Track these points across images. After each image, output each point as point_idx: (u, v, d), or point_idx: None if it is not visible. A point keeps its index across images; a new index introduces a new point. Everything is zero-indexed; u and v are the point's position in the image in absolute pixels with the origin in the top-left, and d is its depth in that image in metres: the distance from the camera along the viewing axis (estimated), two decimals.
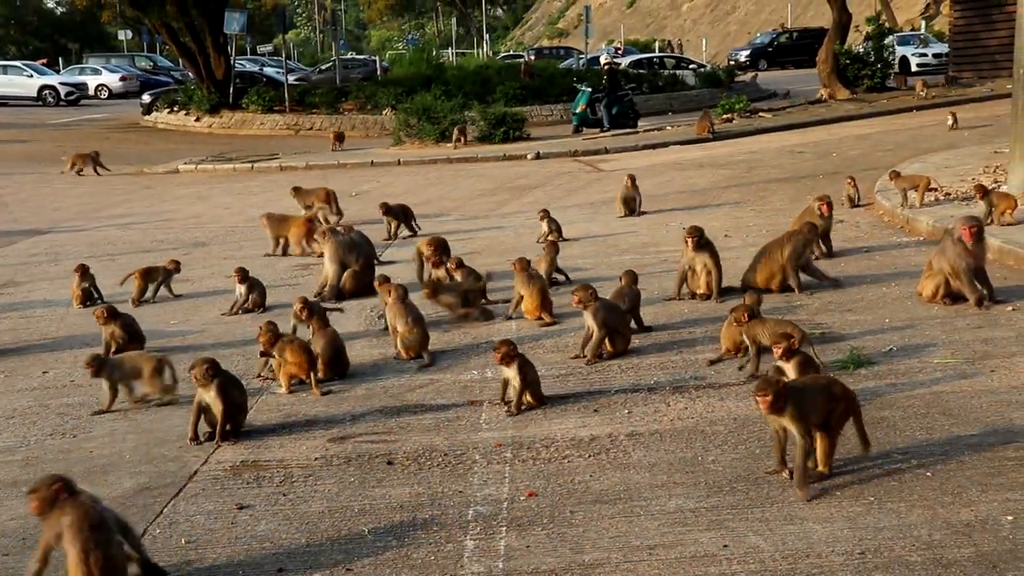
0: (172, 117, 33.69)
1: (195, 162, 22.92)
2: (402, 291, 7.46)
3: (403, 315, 7.24)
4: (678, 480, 4.88)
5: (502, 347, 5.94)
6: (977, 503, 4.43)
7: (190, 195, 18.25)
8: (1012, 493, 4.50)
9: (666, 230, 11.63)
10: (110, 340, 7.58)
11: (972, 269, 7.48)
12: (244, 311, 8.84)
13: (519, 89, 30.07)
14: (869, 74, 28.41)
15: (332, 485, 5.10)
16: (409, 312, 7.27)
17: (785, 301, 8.11)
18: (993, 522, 4.25)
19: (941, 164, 14.40)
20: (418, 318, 7.29)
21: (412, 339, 7.22)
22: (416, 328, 7.23)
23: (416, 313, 7.32)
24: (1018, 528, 4.19)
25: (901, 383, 6.05)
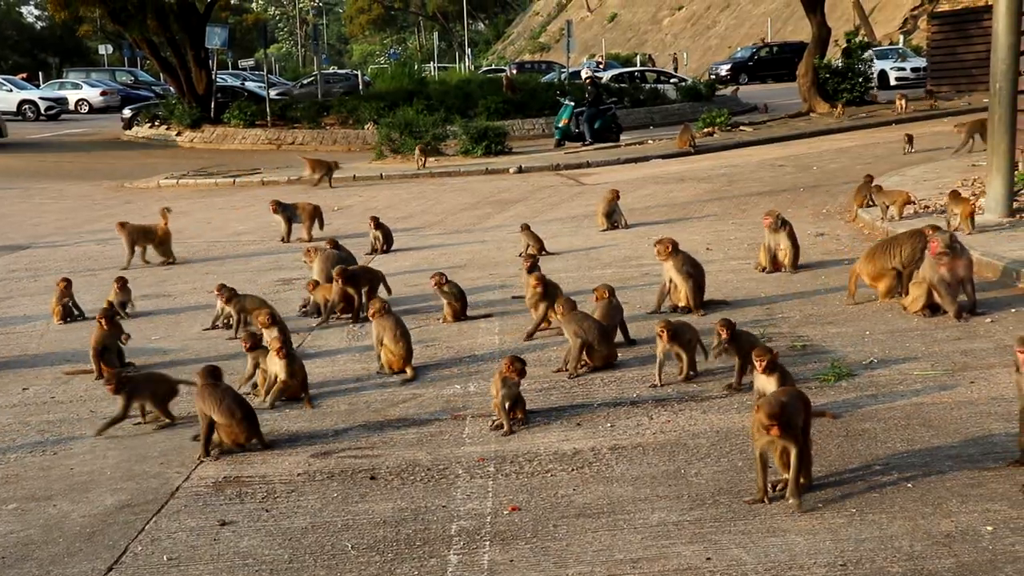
0: (153, 131, 33.58)
1: (176, 177, 22.84)
2: (387, 305, 7.46)
3: (390, 329, 7.24)
4: (661, 493, 4.89)
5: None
6: (957, 514, 4.46)
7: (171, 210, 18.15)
8: (992, 504, 4.54)
9: (647, 243, 11.64)
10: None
11: (949, 282, 7.53)
12: (225, 326, 8.81)
13: (501, 103, 30.11)
14: (848, 88, 28.62)
15: (315, 501, 5.09)
16: (396, 326, 7.27)
17: (767, 314, 8.16)
18: (973, 533, 4.28)
19: (920, 177, 14.52)
20: (404, 332, 7.29)
21: (398, 352, 7.22)
22: (401, 342, 7.23)
23: (403, 328, 7.32)
24: (998, 539, 4.22)
25: (882, 395, 6.09)
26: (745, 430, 5.57)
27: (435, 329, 8.53)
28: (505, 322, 8.57)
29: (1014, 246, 9.39)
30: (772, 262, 9.61)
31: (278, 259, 12.36)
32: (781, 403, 4.55)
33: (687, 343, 6.58)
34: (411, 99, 28.95)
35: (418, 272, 10.88)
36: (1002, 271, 8.74)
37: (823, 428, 5.51)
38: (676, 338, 6.52)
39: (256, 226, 15.54)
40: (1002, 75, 11.10)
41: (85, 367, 7.77)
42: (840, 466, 5.03)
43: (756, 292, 8.94)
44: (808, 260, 10.00)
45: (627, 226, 12.86)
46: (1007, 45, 11.06)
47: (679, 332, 6.55)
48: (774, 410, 4.51)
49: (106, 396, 7.11)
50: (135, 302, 9.85)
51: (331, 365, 7.65)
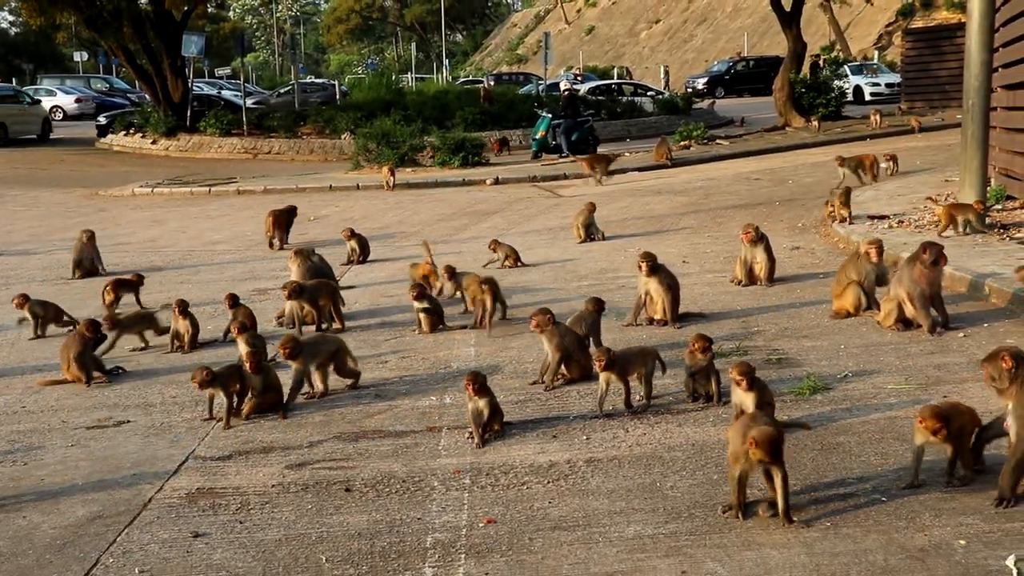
0: (128, 140, 33.40)
1: (151, 185, 22.72)
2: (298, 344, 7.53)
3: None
4: (636, 506, 4.90)
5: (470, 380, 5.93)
6: (931, 528, 4.49)
7: (146, 219, 18.08)
8: (965, 517, 4.57)
9: (624, 256, 11.71)
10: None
11: (927, 296, 7.61)
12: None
13: (478, 114, 30.17)
14: (824, 103, 28.87)
15: (289, 512, 5.06)
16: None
17: (743, 327, 8.19)
18: (946, 546, 4.31)
19: (894, 192, 14.66)
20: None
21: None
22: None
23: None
24: (970, 552, 4.25)
25: (856, 408, 6.12)
26: (721, 443, 5.58)
27: (411, 340, 8.52)
28: (481, 334, 8.57)
29: (986, 261, 9.48)
30: (748, 275, 9.67)
31: (253, 268, 12.31)
32: (775, 439, 4.52)
33: (637, 373, 6.40)
34: (388, 109, 28.97)
35: (394, 283, 10.87)
36: (971, 285, 8.83)
37: (798, 441, 5.53)
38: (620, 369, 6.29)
39: (231, 235, 15.48)
40: (975, 91, 11.26)
41: (58, 377, 7.70)
42: (815, 479, 5.05)
43: (732, 305, 8.98)
44: (783, 274, 10.05)
45: (604, 238, 12.90)
46: (979, 62, 11.21)
47: (624, 363, 6.34)
48: (774, 447, 4.49)
49: (78, 406, 7.07)
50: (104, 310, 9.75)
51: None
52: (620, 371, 6.28)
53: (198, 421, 6.62)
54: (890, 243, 10.41)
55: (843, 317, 8.24)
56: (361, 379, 7.39)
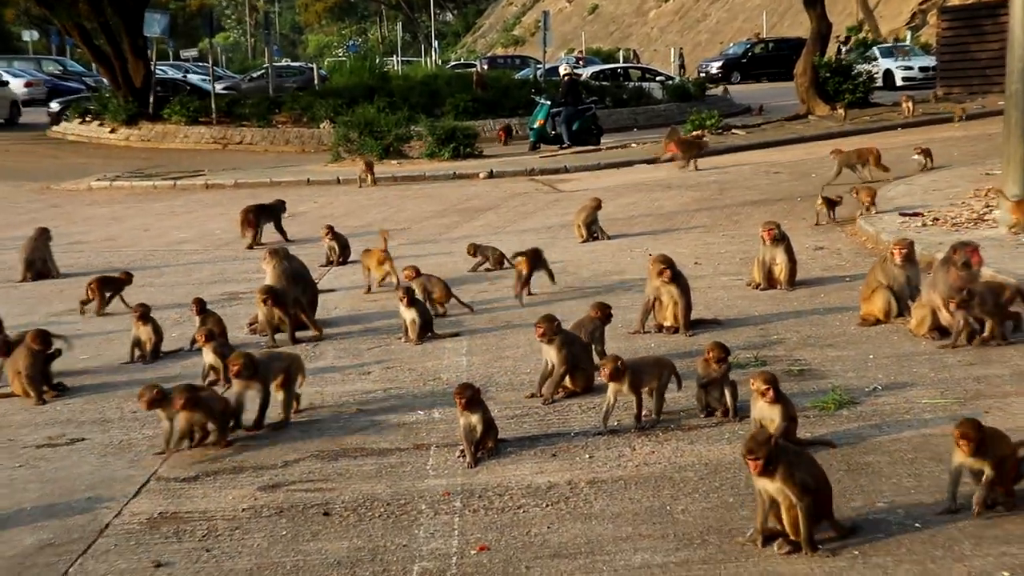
0: (84, 128, 33.36)
1: (110, 178, 22.68)
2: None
3: None
4: (644, 532, 4.89)
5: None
6: (970, 558, 4.49)
7: (104, 215, 18.05)
8: (1009, 547, 4.56)
9: (631, 257, 11.72)
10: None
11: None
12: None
13: (471, 101, 30.17)
14: (850, 88, 28.91)
15: (261, 539, 5.05)
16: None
17: (761, 335, 8.20)
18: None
19: (929, 187, 14.67)
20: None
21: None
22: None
23: None
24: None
25: (887, 425, 6.12)
26: (737, 462, 5.58)
27: (397, 349, 8.52)
28: (474, 341, 8.57)
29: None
30: (767, 278, 9.67)
31: (223, 270, 12.30)
32: (807, 485, 4.55)
33: (649, 387, 6.41)
34: (371, 96, 28.95)
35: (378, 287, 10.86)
36: None
37: (822, 461, 5.48)
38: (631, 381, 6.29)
39: (199, 234, 15.46)
40: (1019, 75, 11.23)
41: (4, 390, 7.69)
42: (841, 503, 5.03)
43: (749, 311, 8.99)
44: (806, 276, 10.07)
45: (608, 238, 12.90)
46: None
47: (636, 374, 6.33)
48: (806, 490, 4.52)
49: (27, 422, 7.06)
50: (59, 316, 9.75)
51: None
52: (631, 383, 6.27)
53: (161, 439, 6.59)
54: (923, 243, 10.43)
55: (872, 324, 8.25)
56: (342, 392, 7.39)
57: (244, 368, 6.58)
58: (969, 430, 4.79)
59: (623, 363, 6.30)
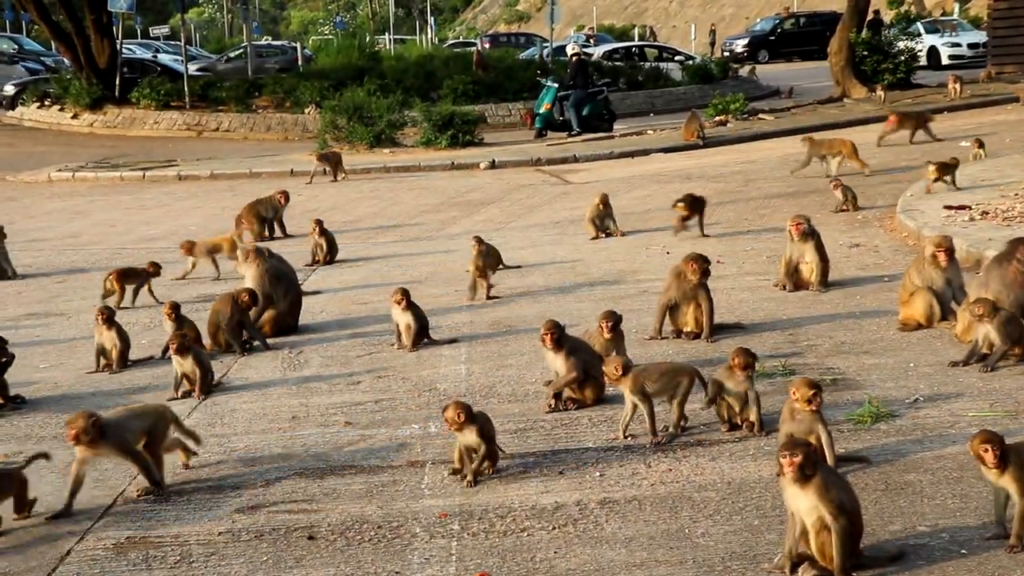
0: (43, 113, 33.43)
1: (72, 169, 22.74)
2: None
3: None
4: (660, 558, 4.91)
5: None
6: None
7: (65, 209, 18.10)
8: None
9: (646, 255, 11.74)
10: None
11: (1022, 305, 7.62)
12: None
13: (470, 84, 30.19)
14: (891, 68, 28.90)
15: (240, 566, 5.07)
16: None
17: (790, 341, 8.22)
18: None
19: (977, 177, 14.68)
20: None
21: None
22: None
23: None
24: None
25: (929, 440, 6.13)
26: (763, 481, 5.60)
27: (389, 356, 8.55)
28: (473, 348, 8.60)
29: None
30: (794, 278, 9.68)
31: (199, 270, 12.31)
32: (844, 505, 4.57)
33: (664, 395, 6.44)
34: (361, 78, 29.01)
35: (369, 288, 10.91)
36: None
37: (857, 480, 5.54)
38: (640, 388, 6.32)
39: (171, 230, 15.50)
40: None
41: None
42: (878, 526, 5.06)
43: (777, 314, 9.01)
44: (840, 276, 10.09)
45: (622, 234, 12.93)
46: None
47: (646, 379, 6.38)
48: (842, 510, 4.54)
49: None
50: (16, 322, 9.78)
51: (262, 400, 7.65)
52: (637, 387, 6.30)
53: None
54: (971, 239, 10.46)
55: (912, 329, 8.27)
56: (329, 404, 7.42)
57: (84, 432, 5.79)
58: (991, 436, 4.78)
59: (629, 363, 6.34)
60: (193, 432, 6.49)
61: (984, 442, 4.74)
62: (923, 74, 32.18)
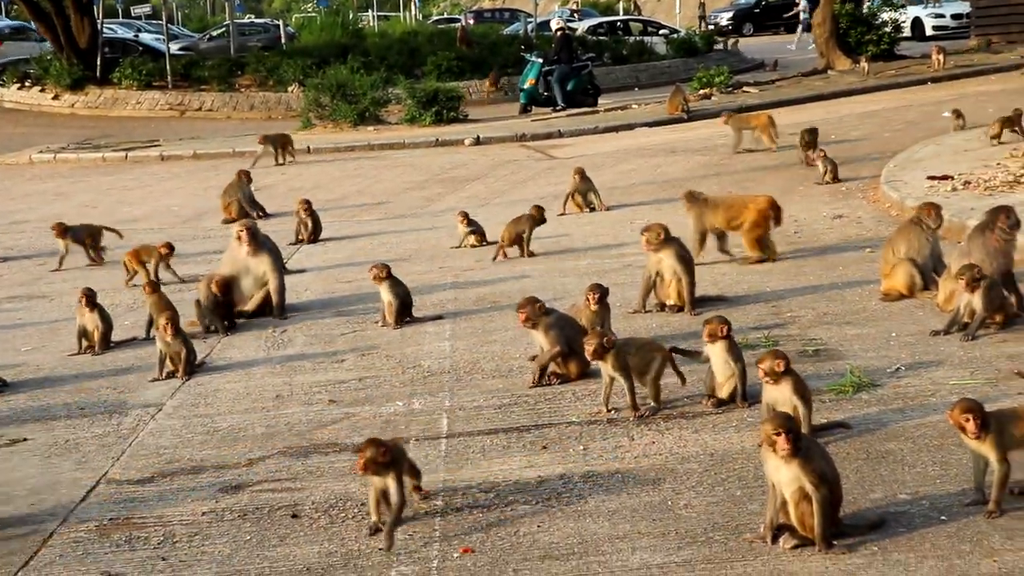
0: (23, 94, 33.22)
1: (53, 150, 22.65)
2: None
3: None
4: (643, 530, 4.92)
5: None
6: (1001, 552, 4.51)
7: (47, 191, 18.03)
8: None
9: (631, 229, 11.70)
10: None
11: (1003, 273, 7.65)
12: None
13: (455, 60, 30.12)
14: (875, 40, 28.88)
15: (223, 545, 5.08)
16: None
17: (773, 313, 8.23)
18: (1020, 575, 4.34)
19: (960, 147, 14.70)
20: None
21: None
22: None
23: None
24: None
25: (910, 409, 6.15)
26: (745, 451, 5.63)
27: (373, 334, 8.55)
28: (458, 325, 8.60)
29: None
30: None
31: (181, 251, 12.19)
32: (825, 474, 4.60)
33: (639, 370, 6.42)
34: (345, 55, 28.91)
35: (353, 265, 10.89)
36: None
37: (838, 449, 5.56)
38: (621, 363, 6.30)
39: (153, 210, 15.49)
40: None
41: None
42: (859, 494, 5.08)
43: (760, 287, 9.03)
44: (824, 246, 10.14)
45: (606, 208, 12.93)
46: None
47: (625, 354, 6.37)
48: (823, 479, 4.57)
49: None
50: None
51: (245, 379, 7.64)
52: (618, 363, 6.29)
53: (112, 436, 6.62)
54: (954, 209, 10.47)
55: (895, 299, 8.28)
56: (312, 382, 7.43)
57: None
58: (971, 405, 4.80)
59: (609, 340, 6.34)
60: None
61: (965, 411, 4.76)
62: (907, 45, 32.21)
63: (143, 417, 6.95)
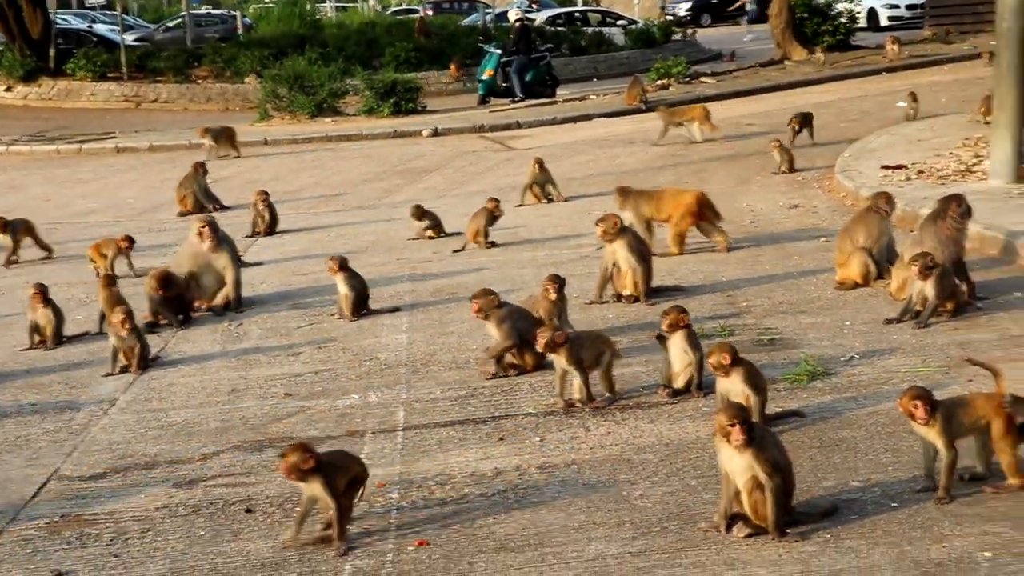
0: None
1: (6, 143, 22.39)
2: None
3: None
4: (599, 520, 4.93)
5: None
6: (950, 538, 4.56)
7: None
8: (991, 525, 4.64)
9: (588, 220, 11.67)
10: None
11: (954, 261, 7.71)
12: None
13: (413, 51, 29.99)
14: (830, 30, 29.02)
15: (177, 541, 5.04)
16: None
17: (728, 302, 8.26)
18: (969, 560, 4.38)
19: (914, 137, 14.82)
20: None
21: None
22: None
23: None
24: (997, 566, 4.33)
25: (863, 397, 6.20)
26: (700, 441, 5.64)
27: (330, 327, 8.51)
28: (415, 317, 8.57)
29: (1022, 217, 9.59)
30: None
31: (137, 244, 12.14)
32: (778, 463, 4.62)
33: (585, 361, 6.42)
34: (302, 46, 28.77)
35: (310, 258, 10.83)
36: (1004, 247, 8.96)
37: (792, 437, 5.60)
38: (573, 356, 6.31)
39: (108, 203, 15.35)
40: (1011, 12, 11.26)
41: None
42: (812, 482, 5.11)
43: (716, 276, 9.06)
44: (780, 235, 10.19)
45: (565, 199, 12.92)
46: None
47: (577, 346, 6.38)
48: (776, 468, 4.58)
49: None
50: None
51: (200, 373, 7.58)
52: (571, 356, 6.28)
53: (64, 432, 6.55)
54: (907, 198, 10.55)
55: (849, 288, 8.34)
56: (268, 375, 7.39)
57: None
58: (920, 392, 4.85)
59: (561, 334, 6.33)
60: None
61: (914, 398, 4.80)
62: (862, 35, 32.38)
63: (96, 412, 6.89)
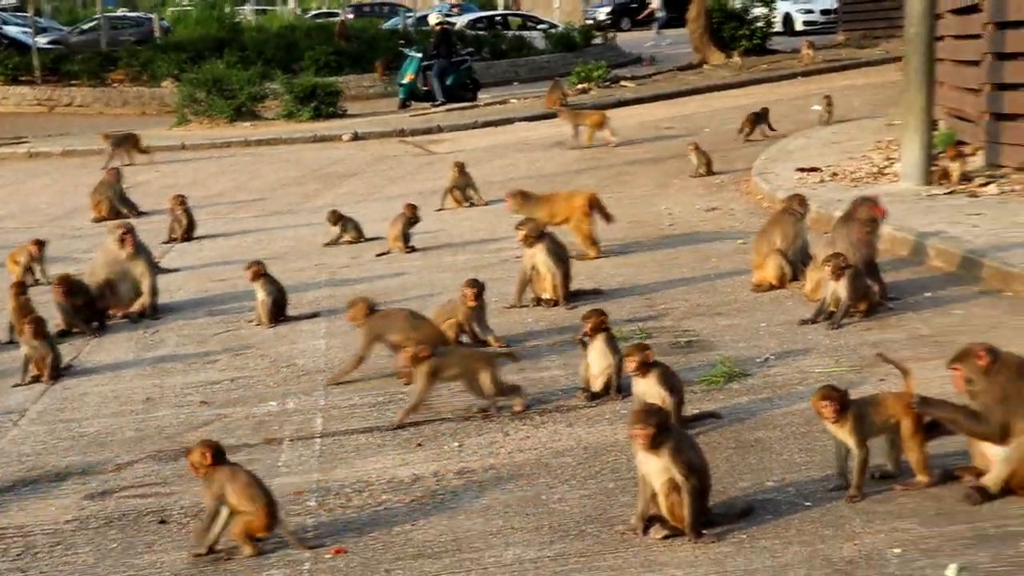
0: None
1: None
2: None
3: None
4: (517, 525, 4.93)
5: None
6: (861, 535, 4.62)
7: None
8: (901, 522, 4.72)
9: (509, 224, 11.70)
10: None
11: (867, 263, 7.82)
12: None
13: (333, 55, 29.88)
14: (747, 35, 29.39)
15: (88, 555, 4.96)
16: None
17: (647, 305, 8.31)
18: (879, 557, 4.44)
19: (828, 139, 15.05)
20: None
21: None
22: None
23: None
24: (907, 562, 4.39)
25: (778, 398, 6.27)
26: (618, 444, 5.66)
27: (247, 333, 8.43)
28: (333, 323, 8.50)
29: (932, 219, 9.79)
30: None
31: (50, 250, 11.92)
32: (693, 464, 4.64)
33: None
34: (221, 50, 28.55)
35: (227, 264, 10.72)
36: (914, 247, 9.12)
37: (709, 439, 5.64)
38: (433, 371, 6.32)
39: (20, 209, 15.08)
40: (918, 17, 11.49)
41: None
42: (728, 483, 5.15)
43: (635, 280, 9.10)
44: (698, 238, 10.27)
45: (485, 203, 12.93)
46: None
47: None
48: (692, 469, 4.61)
49: None
50: None
51: (114, 382, 7.47)
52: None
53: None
54: (822, 200, 10.69)
55: (765, 290, 8.43)
56: (184, 383, 7.30)
57: None
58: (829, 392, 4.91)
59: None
60: None
61: (823, 398, 4.87)
62: (778, 40, 32.84)
63: (4, 424, 6.75)
